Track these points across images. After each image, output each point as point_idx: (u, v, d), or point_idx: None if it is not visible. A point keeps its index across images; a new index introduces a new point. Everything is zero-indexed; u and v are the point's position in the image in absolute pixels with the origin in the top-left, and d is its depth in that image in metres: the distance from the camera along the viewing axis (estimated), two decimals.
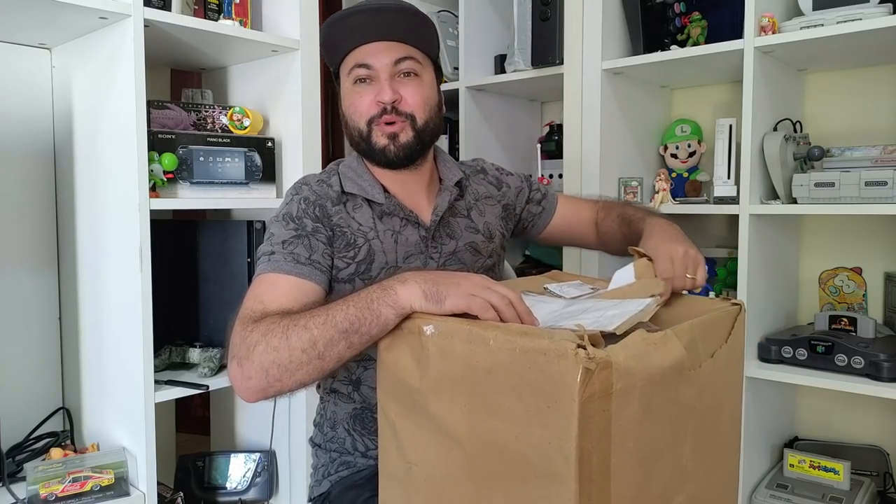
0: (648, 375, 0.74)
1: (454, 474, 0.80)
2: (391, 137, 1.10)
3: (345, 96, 1.13)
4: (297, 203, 1.10)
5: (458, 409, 0.79)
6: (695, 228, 2.04)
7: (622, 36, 1.85)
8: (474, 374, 0.77)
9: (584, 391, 0.68)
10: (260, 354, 0.89)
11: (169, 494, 1.54)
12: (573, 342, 0.69)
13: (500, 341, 0.75)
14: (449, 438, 0.81)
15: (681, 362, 0.80)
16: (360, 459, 1.14)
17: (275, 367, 0.88)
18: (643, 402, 0.74)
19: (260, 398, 0.92)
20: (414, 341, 0.85)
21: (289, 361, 0.87)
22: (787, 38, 1.51)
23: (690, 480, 0.86)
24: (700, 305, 0.98)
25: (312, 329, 0.87)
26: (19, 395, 1.58)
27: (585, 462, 0.69)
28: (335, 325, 0.86)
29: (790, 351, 1.57)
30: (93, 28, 1.42)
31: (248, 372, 0.89)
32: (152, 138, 1.41)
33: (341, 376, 1.16)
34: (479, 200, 1.25)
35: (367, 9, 1.10)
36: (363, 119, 1.10)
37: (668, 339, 0.78)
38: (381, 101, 1.08)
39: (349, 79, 1.11)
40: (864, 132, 1.75)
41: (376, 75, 1.09)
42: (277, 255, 1.04)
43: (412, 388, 0.85)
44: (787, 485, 1.64)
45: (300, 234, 1.06)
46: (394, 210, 1.13)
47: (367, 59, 1.08)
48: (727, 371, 0.93)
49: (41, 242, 1.62)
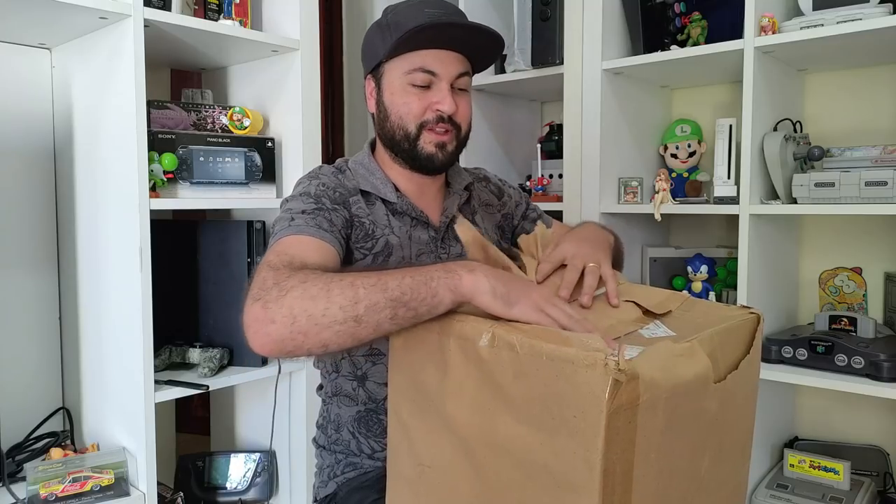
0: (673, 387, 0.73)
1: (468, 479, 0.80)
2: (440, 146, 1.10)
3: (393, 91, 1.10)
4: (316, 186, 1.08)
5: (478, 413, 0.78)
6: (695, 228, 2.04)
7: (622, 36, 1.85)
8: (499, 379, 0.76)
9: (612, 403, 0.67)
10: (293, 299, 0.80)
11: (169, 494, 1.54)
12: (602, 353, 0.68)
13: (527, 348, 0.74)
14: (465, 442, 0.80)
15: (706, 374, 0.78)
16: (367, 461, 1.13)
17: (304, 317, 0.79)
18: (667, 414, 0.73)
19: (275, 350, 0.81)
20: (433, 340, 0.83)
21: (322, 315, 0.79)
22: (787, 38, 1.51)
23: (705, 491, 0.85)
24: (718, 312, 0.95)
25: (359, 288, 0.80)
26: (19, 395, 1.58)
27: (609, 474, 0.69)
28: (385, 290, 0.80)
29: (790, 351, 1.57)
30: (93, 28, 1.42)
31: (274, 315, 0.80)
32: (152, 138, 1.41)
33: (346, 371, 1.14)
34: (482, 207, 1.26)
35: (456, 22, 1.07)
36: (415, 121, 1.09)
37: (694, 350, 0.77)
38: (442, 111, 1.08)
39: (405, 77, 1.08)
40: (864, 132, 1.75)
41: (437, 83, 1.08)
42: (298, 220, 0.99)
43: (429, 389, 0.83)
44: (788, 485, 1.63)
45: (320, 207, 1.04)
46: (406, 210, 1.14)
47: (434, 66, 1.07)
48: (747, 383, 0.91)
49: (41, 242, 1.62)
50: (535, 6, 1.93)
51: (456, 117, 1.10)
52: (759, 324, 0.93)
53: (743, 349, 0.90)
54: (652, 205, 1.73)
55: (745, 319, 0.92)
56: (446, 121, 1.09)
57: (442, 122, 1.09)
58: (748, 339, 0.91)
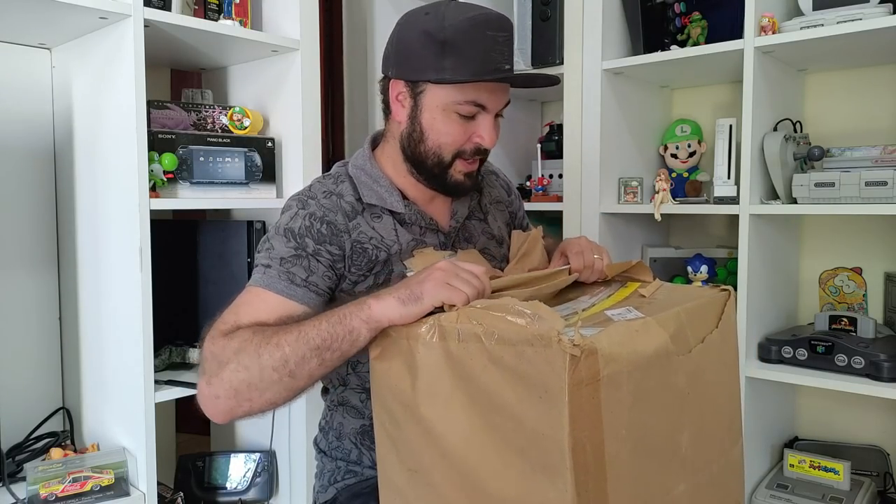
0: (634, 361, 0.75)
1: (451, 478, 0.80)
2: (468, 175, 1.07)
3: (435, 116, 1.03)
4: (303, 219, 1.04)
5: (453, 409, 0.79)
6: (695, 228, 2.04)
7: (622, 36, 1.85)
8: (469, 372, 0.77)
9: (573, 378, 0.68)
10: (231, 373, 0.88)
11: (169, 494, 1.54)
12: (556, 329, 0.70)
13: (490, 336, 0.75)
14: (443, 441, 0.80)
15: (665, 348, 0.80)
16: (368, 471, 1.12)
17: (245, 387, 0.87)
18: (631, 388, 0.75)
19: (228, 419, 0.91)
20: (403, 346, 0.85)
21: (259, 380, 0.86)
22: (787, 38, 1.51)
23: (691, 470, 0.86)
24: (688, 292, 0.99)
25: (284, 347, 0.86)
26: (19, 395, 1.58)
27: (579, 451, 0.70)
28: (307, 341, 0.86)
29: (790, 351, 1.57)
30: (93, 28, 1.42)
31: (217, 390, 0.88)
32: (152, 138, 1.41)
33: (354, 384, 1.12)
34: (493, 205, 1.23)
35: (521, 74, 1.04)
36: (452, 149, 1.04)
37: (648, 325, 0.80)
38: (482, 144, 1.05)
39: (453, 105, 1.02)
40: (864, 132, 1.75)
41: (483, 114, 1.03)
42: (273, 269, 1.00)
43: (405, 395, 0.84)
44: (788, 485, 1.63)
45: (300, 254, 1.01)
46: (414, 219, 1.10)
47: (486, 100, 1.02)
48: (720, 357, 0.93)
49: (41, 242, 1.62)
50: (535, 6, 1.93)
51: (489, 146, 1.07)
52: (728, 299, 0.96)
53: (713, 325, 0.92)
54: (652, 205, 1.73)
55: (715, 297, 0.94)
56: (481, 152, 1.06)
57: (477, 154, 1.06)
58: (719, 314, 0.94)
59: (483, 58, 0.98)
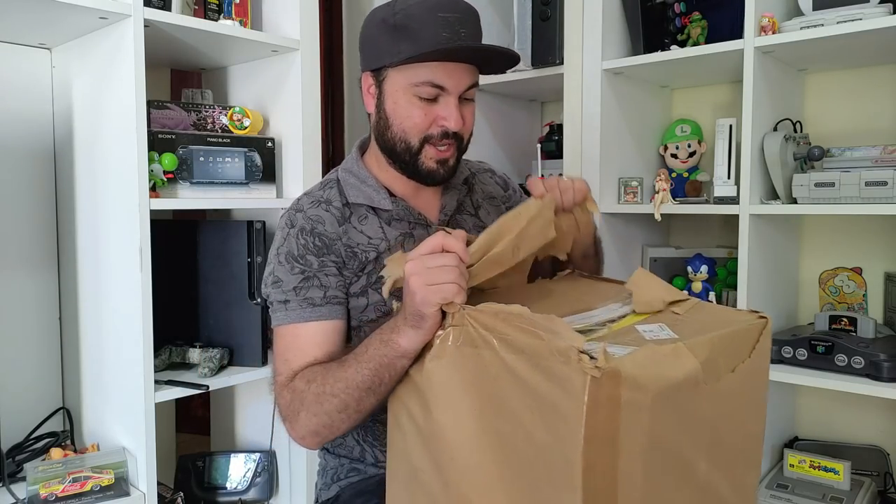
0: (659, 387, 0.73)
1: (458, 481, 0.80)
2: (441, 162, 1.07)
3: (397, 101, 1.04)
4: (295, 238, 1.06)
5: (464, 415, 0.79)
6: (695, 228, 2.04)
7: (622, 36, 1.85)
8: (481, 378, 0.77)
9: (591, 399, 0.66)
10: (304, 420, 0.98)
11: (169, 494, 1.54)
12: (575, 347, 0.68)
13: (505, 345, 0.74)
14: (452, 444, 0.80)
15: (695, 376, 0.78)
16: (371, 468, 1.13)
17: (322, 428, 0.98)
18: (653, 413, 0.73)
19: (321, 446, 1.07)
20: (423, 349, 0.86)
21: (331, 422, 0.96)
22: (787, 38, 1.51)
23: (705, 496, 0.84)
24: (726, 316, 0.94)
25: (340, 395, 0.94)
26: (19, 395, 1.58)
27: (590, 471, 0.68)
28: (357, 386, 0.92)
29: (790, 351, 1.57)
30: (93, 28, 1.42)
31: (301, 433, 1.00)
32: (152, 138, 1.41)
33: None
34: (486, 200, 1.23)
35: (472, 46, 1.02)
36: (418, 135, 1.04)
37: (679, 351, 0.77)
38: (448, 128, 1.04)
39: (411, 88, 1.02)
40: (864, 132, 1.75)
41: (445, 97, 1.03)
42: (293, 303, 1.04)
43: (421, 395, 0.85)
44: (788, 485, 1.63)
45: (308, 275, 1.04)
46: (402, 215, 1.10)
47: (444, 80, 1.02)
48: (749, 386, 0.90)
49: (41, 242, 1.62)
50: (535, 6, 1.92)
51: (460, 131, 1.06)
52: (765, 327, 0.91)
53: (746, 354, 0.88)
54: (652, 205, 1.73)
55: (751, 324, 0.90)
56: (450, 136, 1.05)
57: (446, 138, 1.05)
58: (753, 344, 0.90)
59: (434, 37, 0.99)
